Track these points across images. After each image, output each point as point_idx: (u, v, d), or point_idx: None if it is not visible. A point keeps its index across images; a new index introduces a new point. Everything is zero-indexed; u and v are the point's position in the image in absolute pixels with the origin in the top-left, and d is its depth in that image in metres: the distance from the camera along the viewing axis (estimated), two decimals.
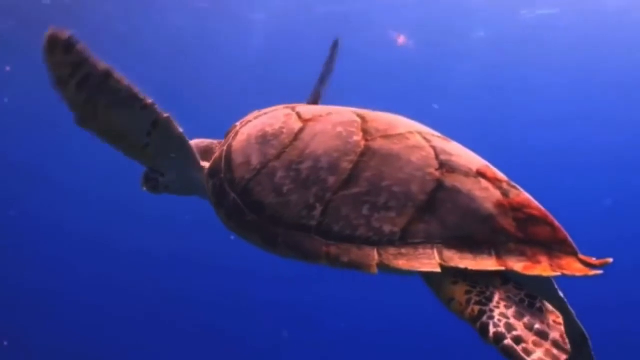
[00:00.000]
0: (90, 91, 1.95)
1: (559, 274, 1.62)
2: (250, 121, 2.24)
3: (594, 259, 1.69)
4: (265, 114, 2.25)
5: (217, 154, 2.19)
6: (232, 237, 2.09)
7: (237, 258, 7.89)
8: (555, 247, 1.67)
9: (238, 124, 2.29)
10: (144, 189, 2.28)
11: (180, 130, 2.08)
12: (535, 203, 1.78)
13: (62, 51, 1.89)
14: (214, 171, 2.12)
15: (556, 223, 1.74)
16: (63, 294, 9.25)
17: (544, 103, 12.64)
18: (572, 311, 2.03)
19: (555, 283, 1.99)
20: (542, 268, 1.61)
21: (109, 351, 8.48)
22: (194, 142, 2.35)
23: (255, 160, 1.97)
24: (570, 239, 1.72)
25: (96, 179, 10.80)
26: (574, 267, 1.64)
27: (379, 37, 12.24)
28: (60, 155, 11.34)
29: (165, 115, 2.03)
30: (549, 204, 1.85)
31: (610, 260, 1.69)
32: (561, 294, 1.99)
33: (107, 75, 1.95)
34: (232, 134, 2.23)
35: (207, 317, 9.41)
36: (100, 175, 10.57)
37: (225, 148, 2.15)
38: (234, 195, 1.95)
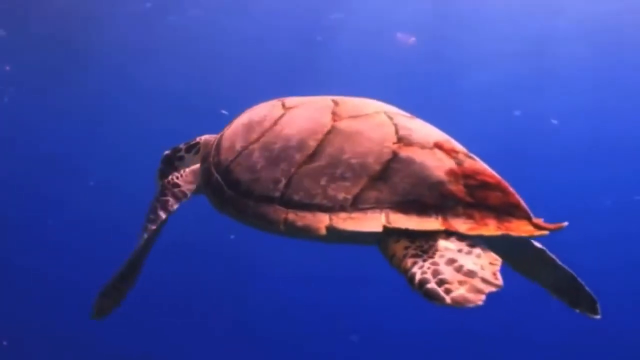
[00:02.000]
0: (131, 274, 2.31)
1: (500, 233, 1.70)
2: (244, 114, 2.43)
3: (551, 225, 1.79)
4: (257, 107, 2.45)
5: (211, 143, 2.43)
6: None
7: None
8: (506, 211, 1.77)
9: (236, 119, 2.46)
10: (159, 183, 2.49)
11: (163, 215, 2.32)
12: (490, 171, 1.88)
13: (106, 307, 2.32)
14: (205, 157, 2.36)
15: (510, 189, 1.84)
16: (65, 293, 9.24)
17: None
18: (554, 257, 2.13)
19: (545, 249, 2.12)
20: (487, 229, 1.70)
21: (111, 351, 8.48)
22: (204, 138, 2.61)
23: (238, 145, 2.16)
24: (523, 204, 1.81)
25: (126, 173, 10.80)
26: (521, 229, 1.73)
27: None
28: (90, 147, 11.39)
29: (152, 228, 2.29)
30: None
31: (565, 224, 1.78)
32: (539, 245, 2.09)
33: (130, 266, 2.28)
34: (227, 126, 2.41)
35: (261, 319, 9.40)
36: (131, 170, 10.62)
37: (217, 137, 2.38)
38: (217, 176, 2.15)
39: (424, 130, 2.00)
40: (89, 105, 11.57)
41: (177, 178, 2.41)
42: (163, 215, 2.29)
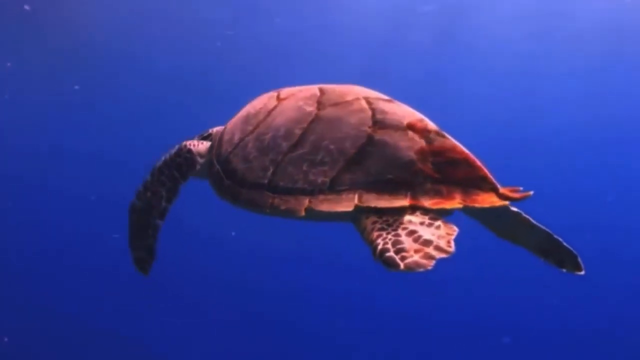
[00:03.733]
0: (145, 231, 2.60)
1: (462, 206, 1.85)
2: (245, 107, 2.59)
3: (517, 194, 1.95)
4: (256, 99, 2.60)
5: (216, 135, 2.62)
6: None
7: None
8: (473, 184, 1.92)
9: (238, 111, 2.62)
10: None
11: (178, 176, 2.57)
12: (460, 148, 2.01)
13: (140, 260, 2.64)
14: (210, 149, 2.57)
15: (477, 163, 1.98)
16: (66, 289, 9.25)
17: None
18: (529, 217, 2.30)
19: (520, 211, 2.29)
20: (451, 202, 1.85)
21: (112, 349, 8.48)
22: (216, 129, 2.77)
23: (236, 137, 2.33)
24: (490, 177, 1.96)
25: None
26: (486, 200, 1.89)
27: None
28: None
29: (166, 182, 2.56)
30: None
31: (531, 193, 1.94)
32: (515, 209, 2.27)
33: (138, 220, 2.60)
34: (231, 119, 2.58)
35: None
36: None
37: (222, 130, 2.57)
38: (217, 167, 2.34)
39: (399, 113, 2.13)
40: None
41: (193, 146, 2.61)
42: (178, 176, 2.53)
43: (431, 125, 2.10)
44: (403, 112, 2.16)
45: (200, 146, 2.64)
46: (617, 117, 12.19)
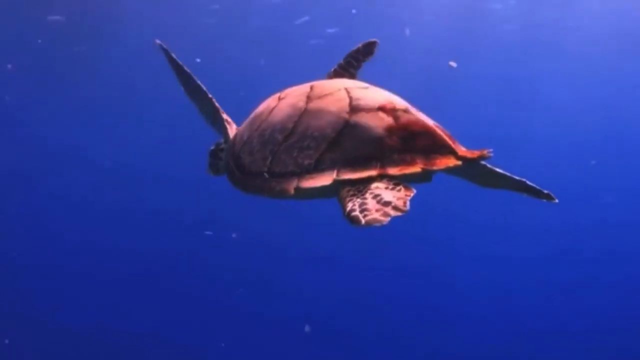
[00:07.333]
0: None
1: (421, 170, 2.18)
2: (254, 109, 2.91)
3: (477, 153, 2.28)
4: (263, 101, 2.91)
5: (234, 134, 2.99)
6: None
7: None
8: (434, 150, 2.27)
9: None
10: (210, 173, 3.05)
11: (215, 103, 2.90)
12: (422, 121, 2.37)
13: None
14: (228, 148, 2.92)
15: (436, 132, 2.33)
16: (67, 291, 9.26)
17: None
18: (492, 167, 2.60)
19: (486, 163, 2.55)
20: (414, 168, 2.18)
21: (113, 351, 8.49)
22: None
23: (245, 135, 2.70)
24: (448, 143, 2.31)
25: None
26: (442, 163, 2.23)
27: None
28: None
29: (203, 89, 2.87)
30: None
31: (486, 152, 2.25)
32: (489, 166, 2.60)
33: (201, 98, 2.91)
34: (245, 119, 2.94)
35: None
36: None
37: (238, 129, 2.94)
38: (232, 163, 2.71)
39: (372, 97, 2.48)
40: None
41: (229, 123, 3.00)
42: (204, 112, 2.95)
43: (399, 104, 2.44)
44: (376, 96, 2.51)
45: (233, 129, 2.95)
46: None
